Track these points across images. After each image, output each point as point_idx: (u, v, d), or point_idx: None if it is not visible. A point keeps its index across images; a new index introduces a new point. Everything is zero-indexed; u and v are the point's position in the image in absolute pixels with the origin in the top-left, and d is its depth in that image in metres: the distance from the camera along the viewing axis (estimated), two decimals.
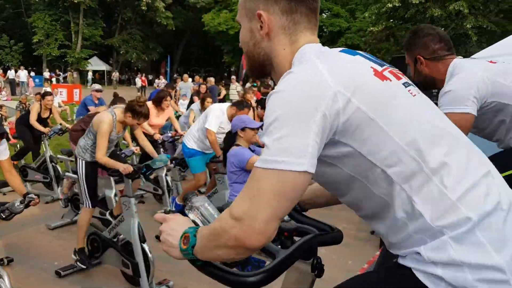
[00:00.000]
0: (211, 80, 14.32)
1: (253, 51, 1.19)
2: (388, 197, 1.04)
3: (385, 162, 1.00)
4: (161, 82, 21.97)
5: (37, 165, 6.90)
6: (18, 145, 8.05)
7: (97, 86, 8.13)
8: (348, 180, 1.07)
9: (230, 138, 3.78)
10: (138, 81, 29.53)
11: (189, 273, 4.44)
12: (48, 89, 15.72)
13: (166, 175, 6.11)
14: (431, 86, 2.37)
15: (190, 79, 16.96)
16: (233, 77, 18.81)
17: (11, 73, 26.32)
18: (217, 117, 5.03)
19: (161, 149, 6.46)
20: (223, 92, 14.82)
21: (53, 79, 30.07)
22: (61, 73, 36.55)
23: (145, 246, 3.92)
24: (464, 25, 25.18)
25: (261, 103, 6.36)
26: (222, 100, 13.63)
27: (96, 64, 41.82)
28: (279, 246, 1.24)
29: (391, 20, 28.48)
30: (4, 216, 3.02)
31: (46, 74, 31.42)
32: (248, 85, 12.99)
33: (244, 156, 3.56)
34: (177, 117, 8.35)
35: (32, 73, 34.37)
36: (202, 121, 5.16)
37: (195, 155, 5.17)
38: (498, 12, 28.07)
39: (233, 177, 3.68)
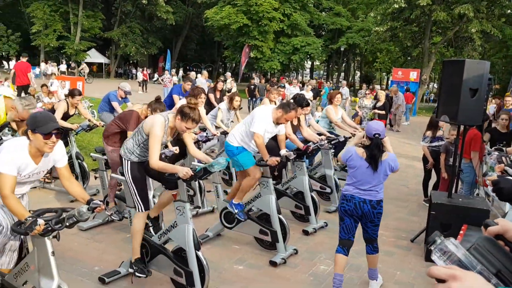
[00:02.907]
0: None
1: None
2: None
3: None
4: (165, 77, 21.69)
5: None
6: None
7: (127, 86, 7.74)
8: None
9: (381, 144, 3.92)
10: (140, 75, 29.21)
11: (235, 282, 4.27)
12: (56, 82, 15.42)
13: None
14: None
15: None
16: (228, 73, 18.59)
17: (13, 64, 25.74)
18: (263, 120, 4.82)
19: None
20: (234, 88, 14.62)
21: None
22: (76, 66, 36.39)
23: (200, 253, 3.74)
24: (468, 28, 25.12)
25: (297, 102, 6.17)
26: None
27: (94, 57, 41.31)
28: None
29: (395, 21, 28.34)
30: (68, 225, 2.80)
31: (63, 67, 30.96)
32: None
33: (398, 162, 4.07)
34: None
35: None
36: (247, 123, 4.95)
37: (243, 151, 4.94)
38: (500, 16, 28.12)
39: (383, 180, 3.97)
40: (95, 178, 5.49)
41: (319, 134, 6.75)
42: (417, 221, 6.39)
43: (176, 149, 5.11)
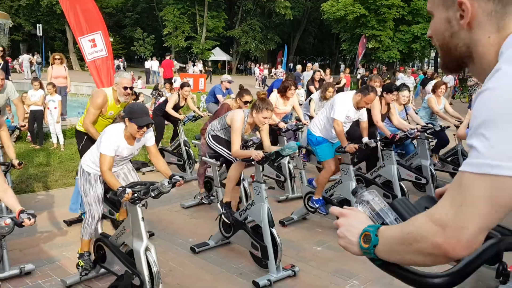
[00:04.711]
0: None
1: (449, 43, 1.07)
2: None
3: None
4: (278, 72, 22.43)
5: (172, 149, 7.54)
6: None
7: (229, 77, 8.59)
8: None
9: None
10: (257, 71, 30.48)
11: (311, 260, 4.54)
12: (178, 79, 16.96)
13: (288, 162, 6.28)
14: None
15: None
16: (316, 64, 18.42)
17: (148, 63, 28.60)
18: (343, 107, 4.99)
19: (285, 138, 6.63)
20: (343, 81, 14.63)
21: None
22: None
23: (274, 230, 4.10)
24: None
25: (386, 88, 6.18)
26: (341, 89, 13.53)
27: (218, 55, 43.91)
28: None
29: None
30: (153, 195, 3.37)
31: (200, 65, 32.71)
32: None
33: None
34: None
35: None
36: (328, 110, 5.15)
37: (322, 142, 5.18)
38: None
39: None
40: (195, 162, 6.18)
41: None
42: None
43: None
